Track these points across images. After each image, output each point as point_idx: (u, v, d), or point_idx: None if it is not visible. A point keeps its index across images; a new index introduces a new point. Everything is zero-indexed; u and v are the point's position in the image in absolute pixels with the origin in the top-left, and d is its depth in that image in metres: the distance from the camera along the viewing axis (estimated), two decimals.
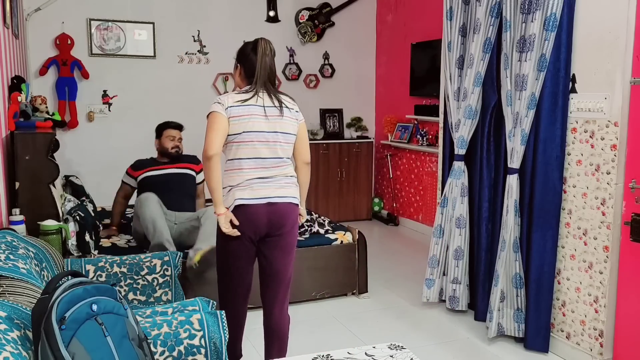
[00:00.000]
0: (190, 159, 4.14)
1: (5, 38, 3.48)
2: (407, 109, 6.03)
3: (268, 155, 2.59)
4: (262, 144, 2.57)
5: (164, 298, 2.86)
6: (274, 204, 2.59)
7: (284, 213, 2.61)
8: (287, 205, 2.62)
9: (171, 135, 4.03)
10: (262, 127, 2.57)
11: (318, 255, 3.94)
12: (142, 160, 4.08)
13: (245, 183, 2.57)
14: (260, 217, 2.57)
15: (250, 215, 2.55)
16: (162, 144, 4.03)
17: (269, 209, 2.58)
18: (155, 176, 3.95)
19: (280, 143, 2.61)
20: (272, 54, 2.65)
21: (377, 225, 6.39)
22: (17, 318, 1.65)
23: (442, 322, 3.70)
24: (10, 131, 3.18)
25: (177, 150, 4.03)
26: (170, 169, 3.99)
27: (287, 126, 2.63)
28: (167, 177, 3.95)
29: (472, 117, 3.57)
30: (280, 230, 2.63)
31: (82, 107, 5.53)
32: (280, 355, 2.73)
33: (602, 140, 2.92)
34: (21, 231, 2.77)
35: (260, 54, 2.60)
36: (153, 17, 5.69)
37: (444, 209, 3.78)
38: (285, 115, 2.63)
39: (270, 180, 2.60)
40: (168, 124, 4.08)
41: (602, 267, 2.96)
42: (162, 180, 3.92)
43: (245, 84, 2.68)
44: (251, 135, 2.55)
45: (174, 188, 3.91)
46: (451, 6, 3.66)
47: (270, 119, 2.59)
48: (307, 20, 6.34)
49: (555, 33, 3.01)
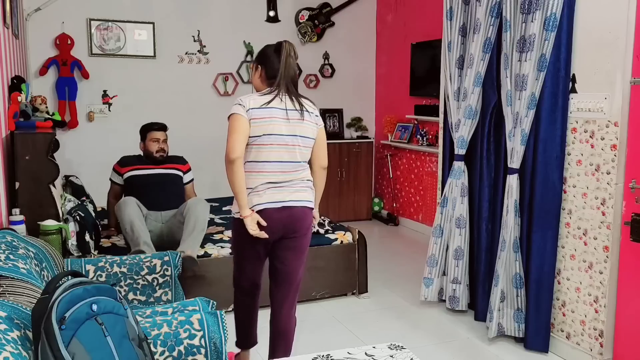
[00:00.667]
0: (177, 159, 4.08)
1: (5, 38, 3.48)
2: (407, 109, 6.03)
3: (287, 159, 2.58)
4: (281, 147, 2.56)
5: (164, 298, 2.86)
6: (288, 207, 2.59)
7: (298, 217, 2.62)
8: (301, 210, 2.62)
9: (155, 137, 3.94)
10: (282, 131, 2.55)
11: (318, 255, 3.93)
12: (128, 157, 4.02)
13: (261, 187, 2.56)
14: (275, 222, 2.57)
15: (266, 220, 2.55)
16: (146, 148, 3.96)
17: (284, 213, 2.58)
18: (141, 176, 3.89)
19: (300, 147, 2.60)
20: (295, 57, 2.63)
21: (377, 225, 6.39)
22: (17, 318, 1.65)
23: (442, 322, 3.70)
24: (10, 131, 3.18)
25: (162, 155, 3.95)
26: (157, 169, 3.94)
27: (307, 130, 2.63)
28: (153, 177, 3.90)
29: (472, 117, 3.57)
30: (295, 233, 2.64)
31: (82, 107, 5.53)
32: (284, 356, 2.74)
33: (602, 140, 2.92)
34: (21, 231, 2.77)
35: (285, 55, 2.59)
36: (153, 17, 5.69)
37: (444, 209, 3.78)
38: (305, 119, 2.62)
39: (286, 184, 2.59)
40: (151, 126, 3.98)
41: (602, 267, 2.96)
42: (147, 181, 3.88)
43: (265, 85, 2.66)
44: (271, 139, 2.54)
45: (160, 188, 3.86)
46: (451, 6, 3.66)
47: (291, 122, 2.58)
48: (307, 20, 6.34)
49: (555, 33, 3.01)
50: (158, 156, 3.93)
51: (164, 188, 3.88)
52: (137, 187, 3.84)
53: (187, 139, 5.51)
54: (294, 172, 2.61)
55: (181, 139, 5.31)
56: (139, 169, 3.92)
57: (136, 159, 3.99)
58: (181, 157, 4.12)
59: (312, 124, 2.65)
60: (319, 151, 2.73)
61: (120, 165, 3.98)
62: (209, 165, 5.50)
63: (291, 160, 2.59)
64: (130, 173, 3.90)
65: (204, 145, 5.75)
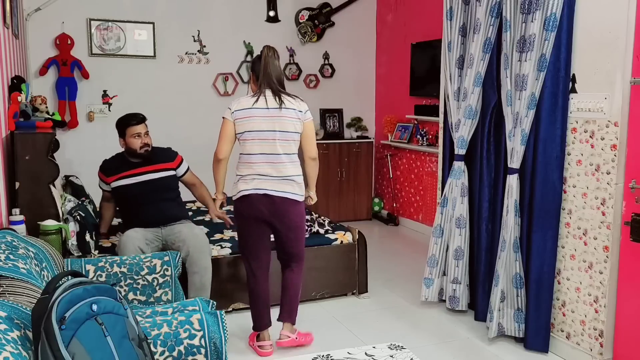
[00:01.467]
0: (164, 155, 3.72)
1: (5, 38, 3.48)
2: (407, 109, 6.03)
3: (268, 152, 3.04)
4: (262, 142, 3.03)
5: (164, 298, 2.86)
6: (270, 196, 3.06)
7: (281, 204, 3.07)
8: (284, 199, 3.07)
9: (136, 132, 3.56)
10: (261, 127, 3.02)
11: (318, 255, 3.94)
12: (110, 161, 3.69)
13: (249, 177, 3.07)
14: (258, 204, 3.07)
15: (250, 202, 3.08)
16: (128, 145, 3.58)
17: (267, 200, 3.06)
18: (130, 186, 3.56)
19: (280, 140, 3.03)
20: (274, 55, 3.07)
21: (377, 225, 6.39)
22: (17, 318, 1.65)
23: (442, 322, 3.70)
24: (10, 131, 3.18)
25: (146, 149, 3.59)
26: (145, 173, 3.58)
27: (286, 125, 3.04)
28: (144, 186, 3.56)
29: (472, 117, 3.57)
30: (284, 217, 3.11)
31: (82, 107, 5.53)
32: (286, 302, 3.27)
33: (602, 140, 2.92)
34: (21, 231, 2.77)
35: (264, 57, 3.05)
36: (153, 17, 5.69)
37: (444, 209, 3.78)
38: (284, 115, 3.03)
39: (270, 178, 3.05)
40: (129, 121, 3.60)
41: (602, 267, 2.96)
42: (139, 191, 3.56)
43: (257, 88, 3.11)
44: (252, 134, 3.03)
45: (154, 198, 3.56)
46: (451, 6, 3.66)
47: (270, 118, 3.02)
48: (307, 20, 6.34)
49: (555, 33, 3.01)
50: (143, 151, 3.58)
51: (159, 197, 3.58)
52: (129, 199, 3.58)
53: (187, 139, 5.50)
54: (279, 163, 3.04)
55: (181, 139, 5.32)
56: (127, 177, 3.58)
57: (120, 162, 3.64)
58: (168, 150, 3.78)
59: (292, 119, 3.04)
60: (306, 144, 3.15)
61: (104, 173, 3.66)
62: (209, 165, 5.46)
63: (272, 152, 3.03)
64: (118, 183, 3.58)
65: (204, 145, 5.70)
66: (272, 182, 3.05)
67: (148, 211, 3.53)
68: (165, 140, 4.98)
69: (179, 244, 3.44)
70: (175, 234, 3.51)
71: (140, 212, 3.54)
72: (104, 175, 3.67)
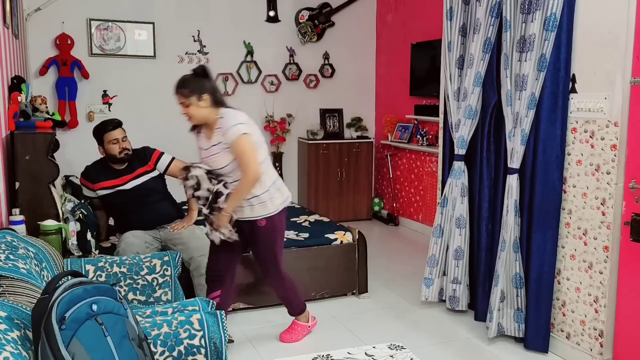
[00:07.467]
0: (140, 158, 3.68)
1: (5, 38, 3.48)
2: (407, 109, 6.03)
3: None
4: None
5: (163, 298, 2.86)
6: None
7: None
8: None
9: (113, 138, 3.56)
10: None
11: (318, 255, 3.94)
12: (93, 168, 3.69)
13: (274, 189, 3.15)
14: None
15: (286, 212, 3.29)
16: (107, 151, 3.58)
17: None
18: (116, 194, 3.58)
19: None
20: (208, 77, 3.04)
21: (377, 225, 6.39)
22: (17, 318, 1.65)
23: (442, 322, 3.70)
24: (10, 131, 3.18)
25: (127, 153, 3.59)
26: (130, 181, 3.59)
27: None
28: (130, 193, 3.58)
29: (472, 117, 3.57)
30: None
31: (82, 107, 5.53)
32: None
33: (602, 140, 2.92)
34: (21, 231, 2.77)
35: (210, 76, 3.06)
36: (153, 17, 5.69)
37: (444, 209, 3.78)
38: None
39: None
40: (105, 127, 3.59)
41: (602, 267, 2.96)
42: (126, 200, 3.58)
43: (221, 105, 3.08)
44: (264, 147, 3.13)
45: (144, 202, 3.57)
46: (451, 6, 3.66)
47: None
48: (307, 20, 6.34)
49: (555, 33, 3.01)
50: (123, 155, 3.57)
51: (149, 201, 3.60)
52: (118, 205, 3.60)
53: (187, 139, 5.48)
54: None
55: (181, 139, 5.30)
56: (110, 187, 3.59)
57: (102, 170, 3.64)
58: (145, 149, 3.75)
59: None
60: None
61: (89, 180, 3.66)
62: None
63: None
64: (105, 191, 3.60)
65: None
66: None
67: (143, 214, 3.56)
68: (165, 140, 5.00)
69: (180, 247, 3.45)
70: (175, 236, 3.52)
71: (134, 217, 3.56)
72: (89, 182, 3.66)
